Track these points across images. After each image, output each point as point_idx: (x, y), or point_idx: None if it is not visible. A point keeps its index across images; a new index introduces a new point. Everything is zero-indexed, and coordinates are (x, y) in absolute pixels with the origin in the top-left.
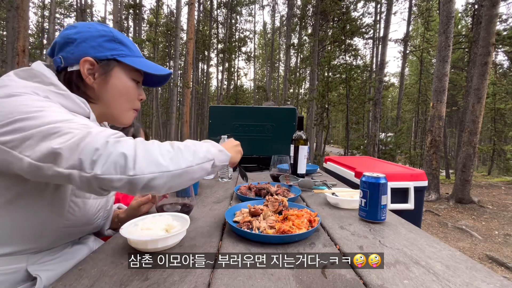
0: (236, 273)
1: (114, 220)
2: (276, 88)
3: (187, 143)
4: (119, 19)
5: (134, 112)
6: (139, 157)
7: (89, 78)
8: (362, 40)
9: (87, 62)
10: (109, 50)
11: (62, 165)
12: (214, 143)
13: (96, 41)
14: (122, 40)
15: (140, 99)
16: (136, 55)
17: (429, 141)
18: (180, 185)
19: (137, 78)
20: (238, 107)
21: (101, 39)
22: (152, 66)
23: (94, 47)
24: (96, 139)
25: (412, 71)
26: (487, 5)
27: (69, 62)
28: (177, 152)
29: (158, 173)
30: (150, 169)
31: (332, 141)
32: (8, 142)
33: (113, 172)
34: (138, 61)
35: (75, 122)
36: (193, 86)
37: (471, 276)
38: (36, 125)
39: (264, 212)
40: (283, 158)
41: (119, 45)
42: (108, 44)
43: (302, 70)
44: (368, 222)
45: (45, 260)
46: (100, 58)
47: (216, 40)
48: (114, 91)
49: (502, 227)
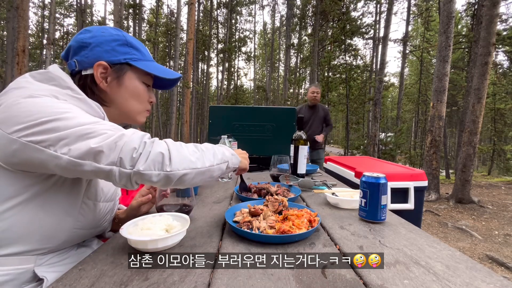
0: (236, 273)
1: (114, 221)
2: (276, 88)
3: (207, 145)
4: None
5: (147, 112)
6: (173, 156)
7: (102, 82)
8: (362, 40)
9: (100, 66)
10: (122, 54)
11: (103, 162)
12: (229, 148)
13: (109, 45)
14: (134, 45)
15: (150, 102)
16: (147, 59)
17: (429, 141)
18: (202, 181)
19: (148, 82)
20: (238, 107)
21: (115, 43)
22: (163, 70)
23: (108, 51)
24: (132, 140)
25: (412, 71)
26: (488, 5)
27: (84, 66)
28: (201, 153)
29: (189, 170)
30: (183, 165)
31: (332, 141)
32: (43, 141)
33: (152, 168)
34: (150, 65)
35: (104, 123)
36: (193, 86)
37: (471, 276)
38: (69, 126)
39: (264, 212)
40: (283, 158)
41: (132, 49)
42: (121, 48)
43: (302, 70)
44: (368, 222)
45: (52, 262)
46: (114, 62)
47: (216, 40)
48: (126, 94)
49: (502, 227)
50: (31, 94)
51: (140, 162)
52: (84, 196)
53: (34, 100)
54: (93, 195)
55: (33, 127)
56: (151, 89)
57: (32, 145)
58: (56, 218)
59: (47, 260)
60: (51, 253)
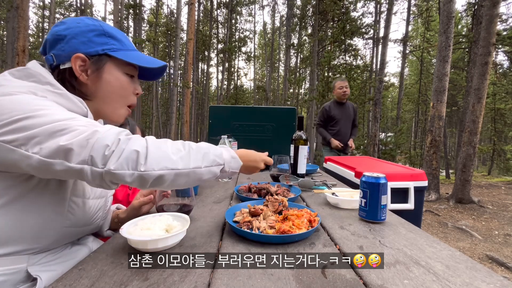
0: (236, 273)
1: (113, 220)
2: (276, 88)
3: (202, 145)
4: (119, 19)
5: (128, 110)
6: (150, 154)
7: (82, 75)
8: (362, 40)
9: (78, 58)
10: (100, 45)
11: (73, 161)
12: (231, 150)
13: (86, 36)
14: (113, 34)
15: (136, 93)
16: (128, 48)
17: (429, 141)
18: (187, 183)
19: (131, 72)
20: (238, 107)
21: (91, 34)
22: (146, 59)
23: (85, 43)
24: (105, 136)
25: (412, 71)
26: (488, 5)
27: (61, 59)
28: (188, 152)
29: (166, 171)
30: (160, 165)
31: None
32: (13, 140)
33: (125, 167)
34: (130, 55)
35: (79, 119)
36: (193, 86)
37: (471, 276)
38: (41, 123)
39: (264, 212)
40: (283, 158)
41: (110, 39)
42: (99, 39)
43: (302, 70)
44: (368, 222)
45: (45, 261)
46: (91, 54)
47: (216, 40)
48: (108, 87)
49: (502, 227)
50: (8, 91)
51: (112, 160)
52: (71, 194)
53: (11, 98)
54: (80, 193)
55: (5, 126)
56: (136, 80)
57: (4, 145)
58: (44, 218)
59: (40, 259)
60: (43, 252)
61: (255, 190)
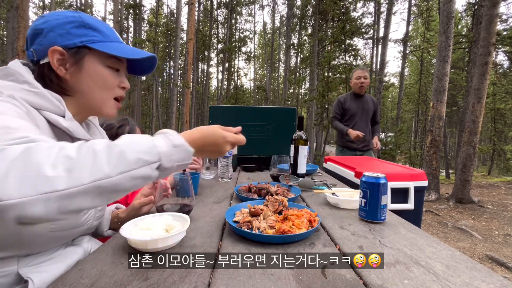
0: (236, 273)
1: (113, 220)
2: (276, 88)
3: (118, 141)
4: (119, 19)
5: (116, 102)
6: (11, 173)
7: (60, 69)
8: (362, 40)
9: (56, 52)
10: (78, 37)
11: None
12: (170, 135)
13: (63, 29)
14: (93, 25)
15: (122, 87)
16: (110, 40)
17: (429, 141)
18: (84, 206)
19: (115, 65)
20: (238, 107)
21: (69, 26)
22: (130, 50)
23: (62, 35)
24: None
25: (412, 71)
26: (488, 5)
27: (40, 54)
28: (84, 159)
29: (36, 196)
30: (25, 190)
31: (332, 141)
32: None
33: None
34: (112, 46)
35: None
36: (193, 86)
37: (471, 276)
38: None
39: (264, 212)
40: (283, 158)
41: (90, 30)
42: (77, 31)
43: (302, 70)
44: (368, 222)
45: (36, 263)
46: (69, 47)
47: (216, 40)
48: (88, 80)
49: (502, 227)
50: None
51: None
52: None
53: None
54: None
55: None
56: (121, 73)
57: None
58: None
59: (30, 261)
60: (34, 254)
61: (255, 190)
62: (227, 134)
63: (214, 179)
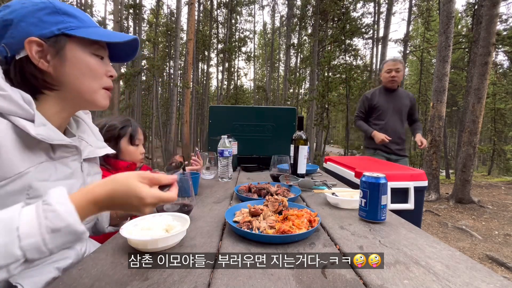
0: (236, 273)
1: (113, 216)
2: (276, 88)
3: None
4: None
5: (106, 91)
6: None
7: (41, 62)
8: (362, 40)
9: (33, 43)
10: (54, 24)
11: None
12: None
13: (35, 17)
14: (67, 11)
15: (110, 75)
16: (89, 25)
17: (429, 141)
18: None
19: (99, 52)
20: (238, 107)
21: (41, 13)
22: (111, 34)
23: (35, 24)
24: None
25: (412, 71)
26: (487, 5)
27: (14, 48)
28: None
29: None
30: None
31: (332, 141)
32: None
33: None
34: (92, 32)
35: None
36: (193, 86)
37: (471, 276)
38: None
39: (264, 212)
40: (283, 158)
41: (66, 16)
42: (51, 18)
43: (302, 70)
44: (368, 222)
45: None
46: (47, 36)
47: (216, 40)
48: (74, 71)
49: (502, 227)
50: None
51: None
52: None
53: None
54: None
55: None
56: (106, 61)
57: None
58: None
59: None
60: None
61: (255, 190)
62: (146, 194)
63: (214, 179)
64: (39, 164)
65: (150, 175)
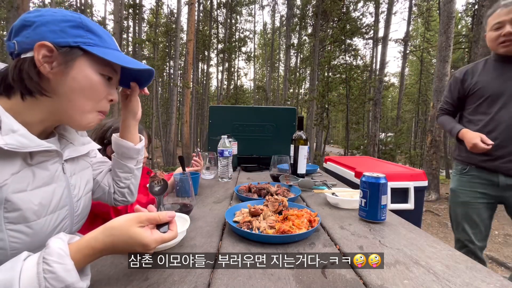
0: (236, 273)
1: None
2: (276, 88)
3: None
4: (119, 19)
5: (99, 114)
6: None
7: (44, 66)
8: (362, 40)
9: (43, 47)
10: (73, 37)
11: None
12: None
13: (58, 26)
14: (92, 29)
15: (110, 100)
16: (109, 46)
17: (429, 141)
18: None
19: (108, 74)
20: (238, 107)
21: (65, 24)
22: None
23: (55, 32)
24: None
25: (412, 71)
26: (488, 5)
27: (23, 47)
28: None
29: None
30: None
31: (332, 141)
32: None
33: None
34: (110, 53)
35: None
36: (193, 86)
37: (471, 276)
38: None
39: (264, 212)
40: (283, 158)
41: (88, 33)
42: (73, 31)
43: (302, 70)
44: (368, 222)
45: None
46: (61, 44)
47: (216, 40)
48: (74, 85)
49: (502, 227)
50: None
51: None
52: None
53: None
54: (20, 218)
55: None
56: (112, 84)
57: None
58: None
59: None
60: None
61: (255, 190)
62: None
63: (214, 179)
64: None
65: (148, 216)
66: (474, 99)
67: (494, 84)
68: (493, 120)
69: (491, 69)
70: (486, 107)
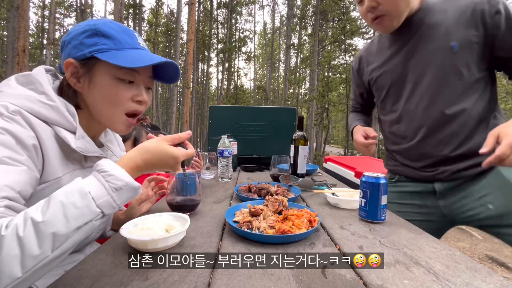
0: (236, 273)
1: (114, 221)
2: (276, 88)
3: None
4: (119, 19)
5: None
6: None
7: (72, 80)
8: (362, 40)
9: (70, 65)
10: (89, 47)
11: None
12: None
13: (77, 39)
14: (106, 32)
15: (137, 100)
16: (123, 47)
17: None
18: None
19: (126, 77)
20: (238, 107)
21: (82, 36)
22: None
23: (76, 47)
24: None
25: None
26: None
27: (61, 67)
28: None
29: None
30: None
31: (332, 141)
32: None
33: None
34: (119, 55)
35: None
36: (193, 86)
37: (471, 276)
38: None
39: (264, 212)
40: (283, 158)
41: (102, 38)
42: (89, 40)
43: (302, 70)
44: (368, 222)
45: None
46: (80, 58)
47: (216, 40)
48: (96, 93)
49: None
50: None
51: None
52: None
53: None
54: None
55: None
56: (137, 85)
57: None
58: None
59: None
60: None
61: (255, 190)
62: (178, 153)
63: (214, 179)
64: (73, 171)
65: (171, 136)
66: (377, 94)
67: (394, 67)
68: (402, 120)
69: (387, 44)
70: (391, 102)
